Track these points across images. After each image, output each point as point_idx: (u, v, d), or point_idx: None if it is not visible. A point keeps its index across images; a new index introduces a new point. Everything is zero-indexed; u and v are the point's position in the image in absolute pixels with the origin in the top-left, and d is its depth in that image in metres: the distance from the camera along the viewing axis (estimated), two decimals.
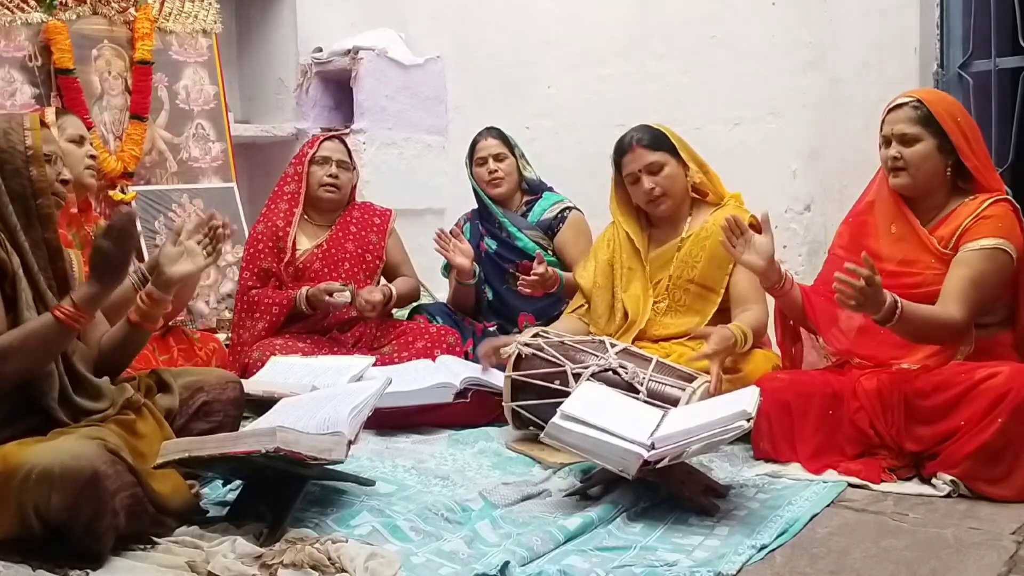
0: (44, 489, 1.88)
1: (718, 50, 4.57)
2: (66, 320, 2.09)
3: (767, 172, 4.41)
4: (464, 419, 3.19)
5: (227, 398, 2.49)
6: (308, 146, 3.83)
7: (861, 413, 2.65)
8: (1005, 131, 3.69)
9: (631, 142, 3.27)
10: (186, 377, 2.50)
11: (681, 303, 3.27)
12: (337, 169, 3.76)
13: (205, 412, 2.45)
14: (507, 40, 5.10)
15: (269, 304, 3.63)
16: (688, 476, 2.43)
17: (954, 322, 2.60)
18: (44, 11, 3.97)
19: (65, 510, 1.89)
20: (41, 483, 1.88)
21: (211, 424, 2.44)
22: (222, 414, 2.47)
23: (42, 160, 2.18)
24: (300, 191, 3.75)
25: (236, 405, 2.52)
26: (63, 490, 1.88)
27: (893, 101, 2.81)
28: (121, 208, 2.21)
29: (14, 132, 2.18)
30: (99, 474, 1.91)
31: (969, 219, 2.68)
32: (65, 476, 1.88)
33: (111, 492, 1.94)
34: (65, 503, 1.88)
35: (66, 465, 1.88)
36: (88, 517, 1.91)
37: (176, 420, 2.40)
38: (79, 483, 1.89)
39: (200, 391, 2.46)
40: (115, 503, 1.96)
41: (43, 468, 1.88)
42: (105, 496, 1.92)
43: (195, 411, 2.44)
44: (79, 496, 1.89)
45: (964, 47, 3.74)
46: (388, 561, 1.97)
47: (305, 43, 5.12)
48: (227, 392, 2.50)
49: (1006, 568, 1.99)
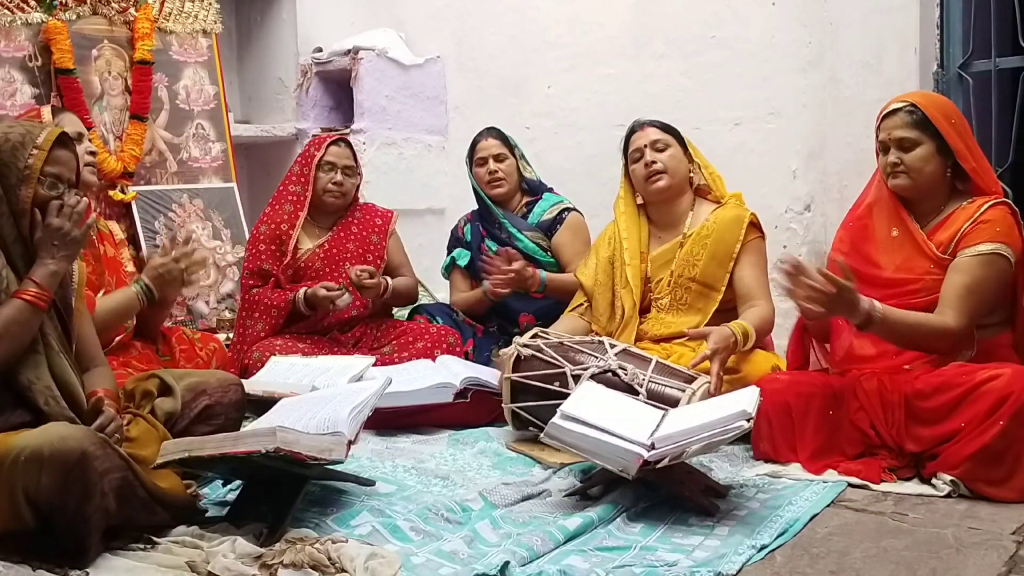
0: (33, 470, 1.90)
1: (718, 50, 4.57)
2: (33, 300, 2.16)
3: (767, 172, 4.41)
4: (464, 419, 3.19)
5: (229, 401, 2.50)
6: (315, 148, 3.80)
7: (861, 413, 2.65)
8: (1005, 131, 3.69)
9: (642, 123, 3.38)
10: (188, 379, 2.50)
11: (683, 302, 3.28)
12: (342, 176, 3.76)
13: (207, 416, 2.46)
14: (507, 40, 5.10)
15: (268, 306, 3.63)
16: (688, 476, 2.43)
17: (949, 329, 2.59)
18: (44, 11, 3.97)
19: (54, 491, 1.90)
20: (30, 464, 1.90)
21: (212, 427, 2.44)
22: (223, 417, 2.48)
23: (34, 181, 2.19)
24: (306, 195, 3.74)
25: (237, 408, 2.53)
26: (52, 469, 1.90)
27: (886, 107, 2.80)
28: (76, 193, 2.27)
29: (22, 148, 2.19)
30: (88, 454, 1.93)
31: (968, 223, 2.67)
32: (54, 456, 1.90)
33: (99, 472, 1.95)
34: (54, 483, 1.90)
35: (55, 445, 1.91)
36: (77, 497, 1.92)
37: (178, 423, 2.40)
38: (68, 462, 1.91)
39: (203, 394, 2.47)
40: (104, 484, 1.96)
41: (32, 449, 1.90)
42: (93, 476, 1.94)
43: (197, 415, 2.44)
44: (68, 476, 1.91)
45: (964, 47, 3.74)
46: (388, 561, 1.97)
47: (305, 43, 5.12)
48: (229, 395, 2.51)
49: (1006, 568, 1.99)
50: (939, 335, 2.60)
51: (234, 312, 4.17)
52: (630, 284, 3.31)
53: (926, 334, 2.60)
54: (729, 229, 3.24)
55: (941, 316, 2.61)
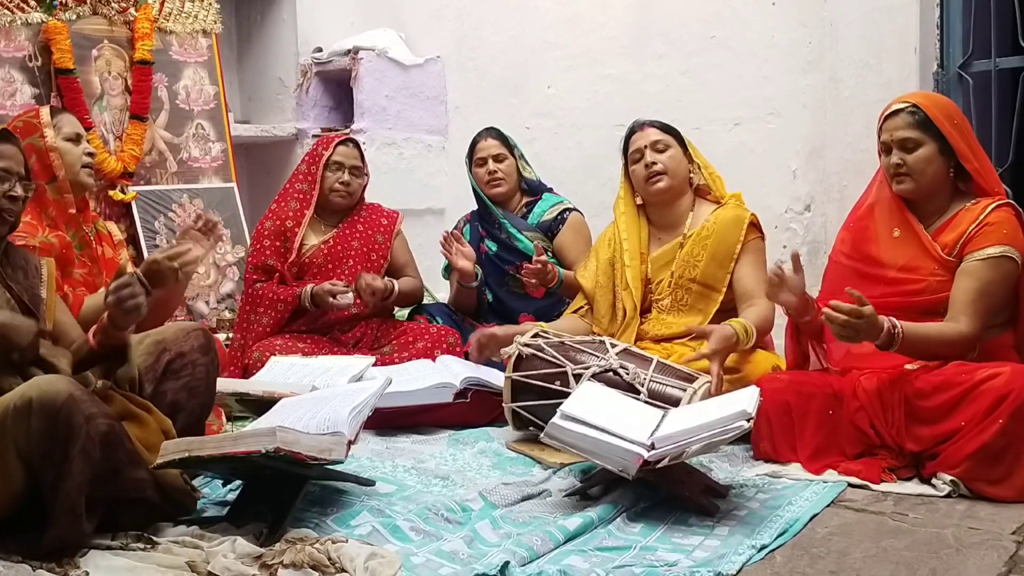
0: (23, 418, 1.94)
1: (718, 50, 4.57)
2: None
3: (767, 172, 4.41)
4: (464, 419, 3.19)
5: (191, 347, 2.43)
6: (323, 147, 3.80)
7: (861, 413, 2.65)
8: (1005, 131, 3.69)
9: (642, 123, 3.38)
10: (146, 340, 2.44)
11: (683, 302, 3.27)
12: (349, 176, 3.76)
13: (173, 370, 2.41)
14: (507, 40, 5.10)
15: (274, 300, 3.64)
16: (688, 476, 2.43)
17: (962, 336, 2.60)
18: (44, 11, 3.97)
19: (43, 436, 1.94)
20: (20, 413, 1.94)
21: (182, 380, 2.41)
22: (191, 366, 2.42)
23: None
24: (313, 193, 3.75)
25: (203, 352, 2.45)
26: (40, 413, 1.94)
27: (888, 108, 2.79)
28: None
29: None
30: (74, 397, 1.98)
31: (973, 226, 2.67)
32: (42, 398, 1.95)
33: (85, 416, 1.98)
34: (43, 426, 1.94)
35: (43, 388, 1.97)
36: (63, 440, 1.94)
37: (145, 386, 2.37)
38: (55, 404, 1.95)
39: (164, 351, 2.41)
40: (89, 428, 1.98)
41: (20, 396, 1.96)
42: (79, 418, 1.96)
43: (163, 372, 2.40)
44: (56, 418, 1.94)
45: (964, 47, 3.73)
46: (388, 561, 1.97)
47: (305, 43, 5.13)
48: (189, 341, 2.44)
49: (1006, 568, 1.99)
50: (956, 343, 2.61)
51: (234, 312, 4.17)
52: (630, 286, 3.31)
53: (944, 343, 2.61)
54: (729, 230, 3.24)
55: (955, 323, 2.61)
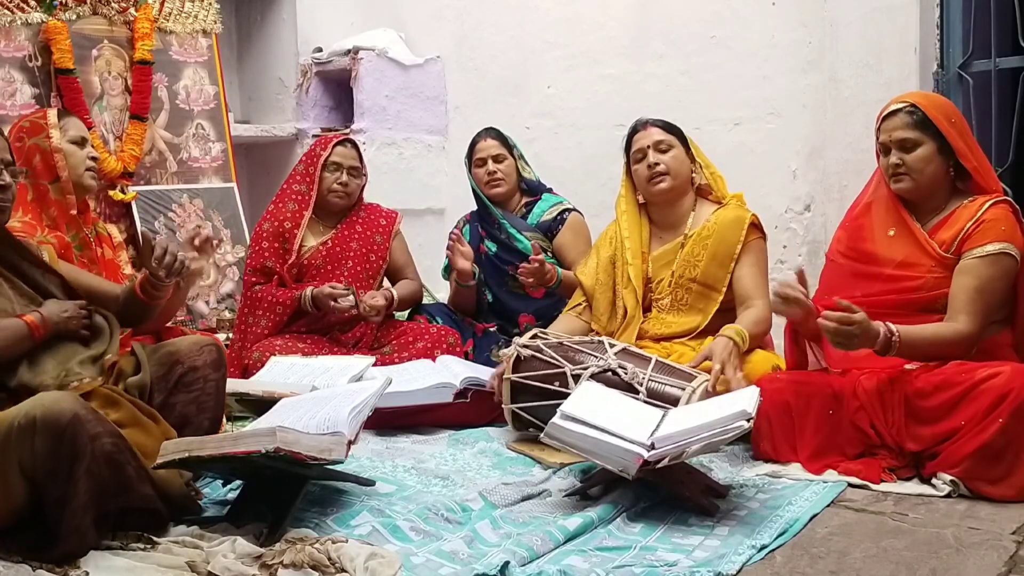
0: (27, 436, 1.92)
1: (718, 50, 4.57)
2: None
3: (767, 172, 4.41)
4: (464, 419, 3.19)
5: (204, 362, 2.44)
6: (321, 148, 3.79)
7: (861, 413, 2.65)
8: (1005, 131, 3.69)
9: (645, 122, 3.35)
10: (161, 350, 2.45)
11: (683, 302, 3.27)
12: (348, 176, 3.76)
13: (184, 383, 2.42)
14: (507, 40, 5.10)
15: (273, 303, 3.64)
16: (688, 476, 2.43)
17: (963, 336, 2.60)
18: (44, 11, 3.97)
19: (48, 455, 1.92)
20: (24, 431, 1.92)
21: (192, 393, 2.41)
22: (202, 380, 2.43)
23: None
24: (311, 194, 3.75)
25: (215, 367, 2.46)
26: (45, 432, 1.92)
27: (886, 108, 2.80)
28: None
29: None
30: (79, 416, 1.96)
31: (970, 223, 2.67)
32: (47, 417, 1.93)
33: (90, 435, 1.97)
34: (47, 445, 1.92)
35: (47, 407, 1.95)
36: (68, 460, 1.93)
37: (155, 396, 2.37)
38: (60, 424, 1.93)
39: (177, 363, 2.42)
40: (95, 447, 1.97)
41: (26, 414, 1.94)
42: (84, 438, 1.95)
43: (175, 384, 2.41)
44: (61, 438, 1.92)
45: (964, 47, 3.74)
46: (388, 561, 1.97)
47: (305, 43, 5.13)
48: (203, 356, 2.45)
49: (1006, 568, 1.99)
50: (955, 343, 2.60)
51: (234, 312, 4.17)
52: (632, 284, 3.31)
53: (944, 344, 2.60)
54: (730, 230, 3.23)
55: (954, 323, 2.61)
